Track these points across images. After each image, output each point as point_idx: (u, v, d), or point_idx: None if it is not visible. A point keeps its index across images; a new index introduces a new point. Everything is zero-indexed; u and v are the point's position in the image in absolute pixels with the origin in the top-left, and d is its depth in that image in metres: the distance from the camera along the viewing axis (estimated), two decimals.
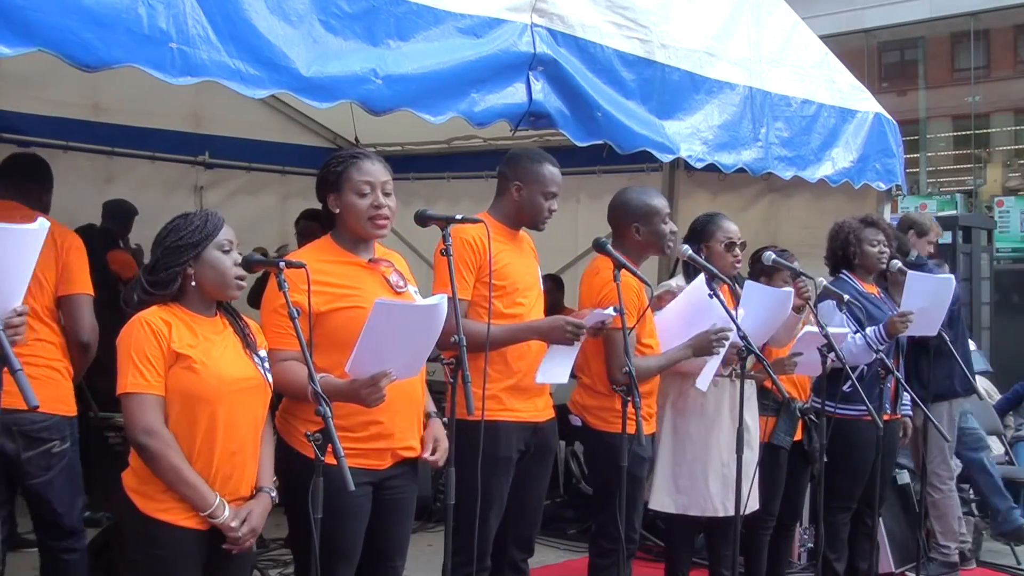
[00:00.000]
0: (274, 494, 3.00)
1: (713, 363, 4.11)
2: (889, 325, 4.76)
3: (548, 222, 3.90)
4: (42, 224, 2.44)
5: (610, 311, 3.65)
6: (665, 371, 4.16)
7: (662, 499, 4.35)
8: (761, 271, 4.74)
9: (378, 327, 2.83)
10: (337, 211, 3.23)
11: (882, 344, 4.74)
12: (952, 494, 5.88)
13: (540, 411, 3.85)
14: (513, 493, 3.79)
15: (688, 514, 4.37)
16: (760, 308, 4.30)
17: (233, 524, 2.82)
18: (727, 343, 4.05)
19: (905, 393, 5.02)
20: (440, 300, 2.94)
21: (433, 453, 3.25)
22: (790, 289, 4.48)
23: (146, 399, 2.75)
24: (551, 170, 3.84)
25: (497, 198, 3.91)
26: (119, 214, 6.64)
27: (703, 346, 4.07)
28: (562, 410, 4.11)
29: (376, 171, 3.22)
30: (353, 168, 3.20)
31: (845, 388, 4.68)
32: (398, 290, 3.23)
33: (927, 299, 4.80)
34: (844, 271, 5.11)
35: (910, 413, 5.21)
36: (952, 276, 5.07)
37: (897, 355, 5.06)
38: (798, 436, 4.80)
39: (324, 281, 3.12)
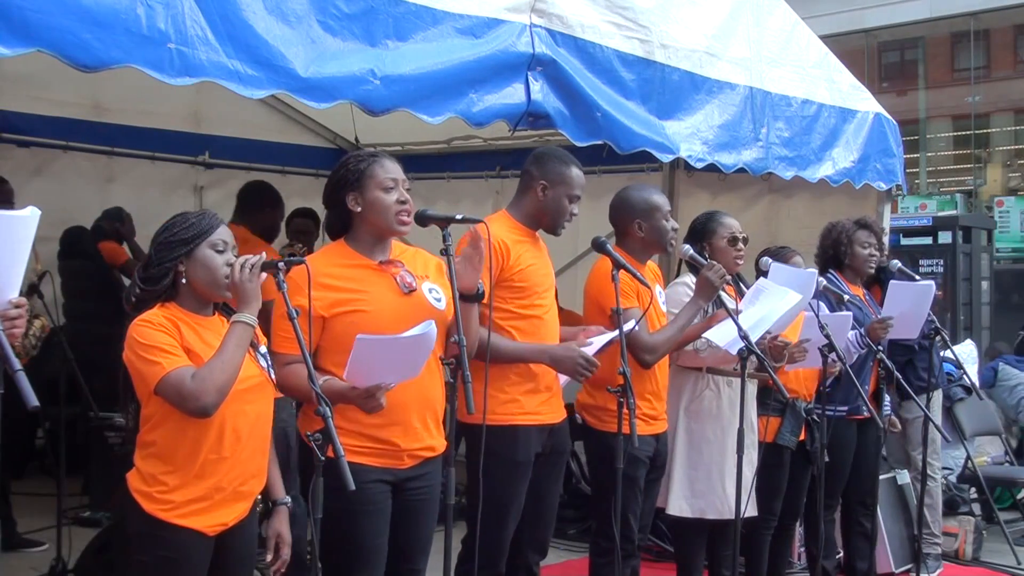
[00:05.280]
0: (289, 502, 3.04)
1: (727, 327, 4.06)
2: (870, 331, 4.79)
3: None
4: (33, 212, 2.39)
5: (612, 335, 3.65)
6: (684, 362, 4.13)
7: (679, 504, 4.33)
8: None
9: (364, 357, 2.84)
10: (359, 209, 3.19)
11: (862, 348, 4.78)
12: (939, 484, 6.00)
13: (555, 412, 3.85)
14: (530, 497, 3.77)
15: (705, 517, 4.35)
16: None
17: (268, 557, 2.96)
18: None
19: (886, 394, 5.06)
20: (424, 329, 2.90)
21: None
22: (813, 270, 4.49)
23: (176, 374, 2.69)
24: (578, 173, 3.83)
25: (519, 196, 3.88)
26: (108, 213, 6.68)
27: (708, 287, 4.03)
28: (567, 410, 4.11)
29: (397, 169, 3.23)
30: (376, 165, 3.20)
31: (825, 388, 4.70)
32: (407, 291, 3.21)
33: (907, 305, 4.86)
34: (832, 271, 5.13)
35: (889, 412, 5.27)
36: (932, 282, 5.14)
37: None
38: (801, 436, 4.79)
39: (330, 285, 3.12)
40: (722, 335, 4.04)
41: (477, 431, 3.37)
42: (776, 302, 4.12)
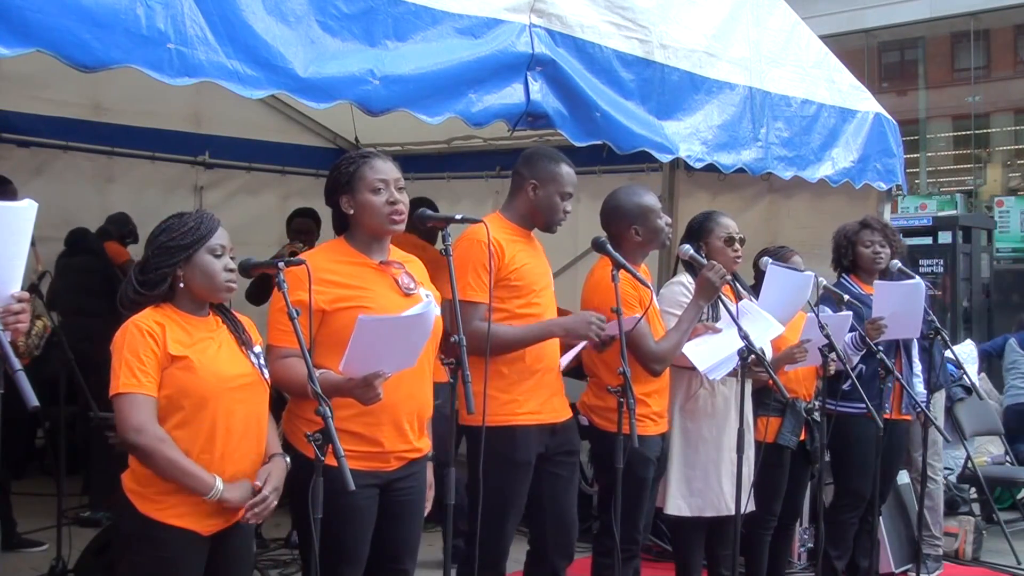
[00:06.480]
0: (287, 459, 3.00)
1: (717, 347, 4.08)
2: (866, 332, 4.80)
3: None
4: (30, 204, 2.38)
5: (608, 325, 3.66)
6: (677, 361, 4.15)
7: (677, 503, 4.33)
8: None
9: (364, 340, 2.83)
10: (351, 211, 3.21)
11: (861, 349, 4.79)
12: (940, 485, 6.02)
13: (558, 411, 3.84)
14: (548, 499, 3.78)
15: (703, 516, 4.36)
16: (782, 292, 4.34)
17: (258, 483, 2.85)
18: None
19: (917, 389, 5.09)
20: (425, 308, 2.94)
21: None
22: (811, 273, 4.50)
23: (137, 399, 2.73)
24: (568, 170, 3.82)
25: (511, 197, 3.88)
26: (113, 218, 6.72)
27: (708, 287, 4.04)
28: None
29: (388, 168, 3.22)
30: (366, 167, 3.20)
31: (845, 387, 4.71)
32: (407, 292, 3.22)
33: (897, 305, 4.86)
34: (844, 274, 5.16)
35: (924, 402, 5.27)
36: (921, 281, 5.11)
37: (899, 355, 5.08)
38: (802, 436, 4.80)
39: (332, 280, 3.12)
40: (702, 357, 4.06)
41: (477, 432, 3.37)
42: (756, 331, 4.11)
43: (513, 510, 3.69)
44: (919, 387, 5.29)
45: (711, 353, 4.07)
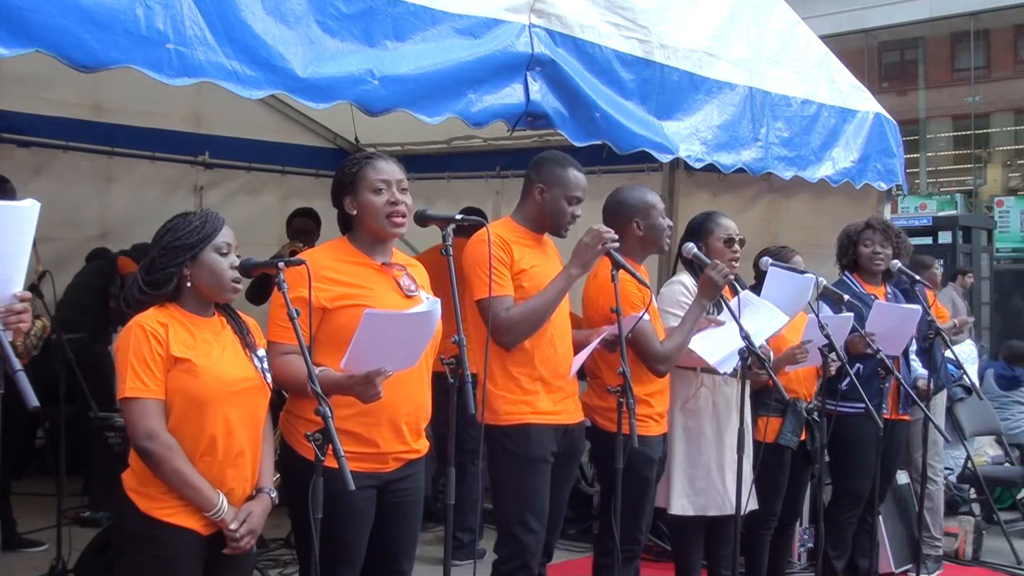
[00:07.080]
0: (274, 494, 2.99)
1: (722, 340, 4.08)
2: (849, 343, 4.79)
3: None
4: (32, 203, 2.38)
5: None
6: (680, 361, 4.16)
7: (681, 503, 4.34)
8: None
9: (369, 335, 2.83)
10: (354, 212, 3.22)
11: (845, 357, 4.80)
12: (941, 486, 6.02)
13: (572, 413, 3.85)
14: None
15: (707, 515, 4.36)
16: (782, 294, 4.34)
17: (232, 525, 2.82)
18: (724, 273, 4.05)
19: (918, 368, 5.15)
20: (431, 306, 2.94)
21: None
22: (811, 275, 4.51)
23: (147, 404, 2.74)
24: (576, 175, 3.82)
25: (521, 201, 3.90)
26: (138, 246, 6.74)
27: (711, 286, 4.05)
28: None
29: (391, 169, 3.23)
30: (368, 167, 3.21)
31: (843, 386, 4.72)
32: (408, 294, 3.23)
33: (891, 324, 4.86)
34: (847, 273, 5.18)
35: (924, 376, 5.31)
36: (919, 307, 5.08)
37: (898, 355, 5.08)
38: (802, 436, 4.80)
39: (334, 279, 3.13)
40: (709, 350, 4.06)
41: (490, 433, 3.37)
42: (761, 322, 4.10)
43: (538, 507, 3.69)
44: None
45: (718, 346, 4.07)
